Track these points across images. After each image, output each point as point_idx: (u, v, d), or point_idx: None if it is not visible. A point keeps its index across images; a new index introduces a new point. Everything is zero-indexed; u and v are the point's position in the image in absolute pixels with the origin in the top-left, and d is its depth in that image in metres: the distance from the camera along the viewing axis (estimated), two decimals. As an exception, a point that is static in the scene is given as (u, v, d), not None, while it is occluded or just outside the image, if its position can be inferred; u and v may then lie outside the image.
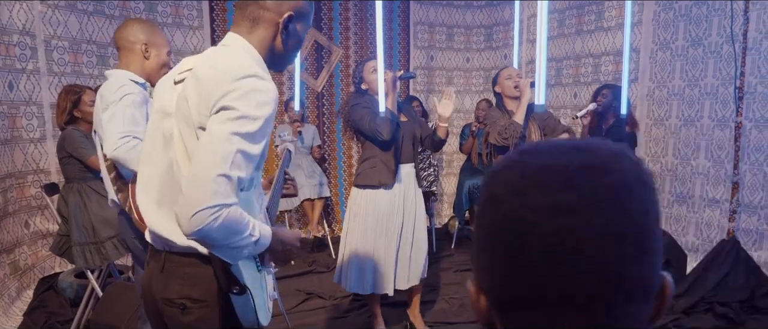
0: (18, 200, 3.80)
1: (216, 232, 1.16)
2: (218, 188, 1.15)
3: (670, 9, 4.45)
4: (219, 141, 1.18)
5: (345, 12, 5.59)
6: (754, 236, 3.98)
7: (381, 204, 2.99)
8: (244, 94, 1.21)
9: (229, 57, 1.31)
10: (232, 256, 1.26)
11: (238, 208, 1.19)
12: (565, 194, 0.51)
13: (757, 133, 3.93)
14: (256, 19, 1.36)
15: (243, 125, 1.19)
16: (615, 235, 0.51)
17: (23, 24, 3.78)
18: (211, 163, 1.17)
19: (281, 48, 1.41)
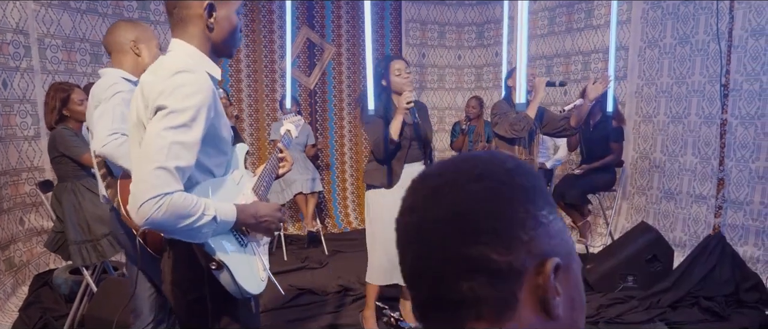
0: (12, 198, 3.83)
1: (163, 219, 1.27)
2: (156, 180, 1.27)
3: (658, 7, 4.51)
4: (153, 138, 1.30)
5: (337, 10, 5.62)
6: (740, 232, 4.05)
7: (387, 201, 3.07)
8: (172, 91, 1.32)
9: (166, 62, 1.43)
10: (193, 237, 1.36)
11: (181, 194, 1.30)
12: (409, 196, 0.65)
13: (742, 130, 4.00)
14: (183, 19, 1.46)
15: (173, 119, 1.30)
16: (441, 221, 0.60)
17: (17, 22, 3.80)
18: (148, 158, 1.29)
19: (218, 37, 1.49)
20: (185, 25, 1.46)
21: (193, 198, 1.32)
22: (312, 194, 4.89)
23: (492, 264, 0.57)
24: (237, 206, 1.45)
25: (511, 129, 3.23)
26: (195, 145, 1.34)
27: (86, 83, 3.95)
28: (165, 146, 1.29)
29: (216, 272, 1.43)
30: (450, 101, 6.40)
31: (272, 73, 5.43)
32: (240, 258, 1.49)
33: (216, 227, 1.37)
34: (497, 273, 0.57)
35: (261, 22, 5.34)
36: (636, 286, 3.85)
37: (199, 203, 1.33)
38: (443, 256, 0.59)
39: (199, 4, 1.44)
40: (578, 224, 4.60)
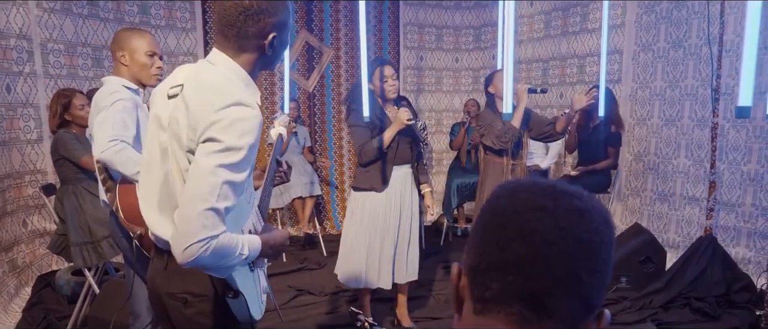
0: (16, 200, 3.89)
1: (207, 260, 1.25)
2: (206, 221, 1.23)
3: (652, 12, 4.57)
4: (205, 174, 1.25)
5: (335, 13, 5.69)
6: (732, 233, 4.11)
7: (375, 205, 3.14)
8: (228, 125, 1.27)
9: (214, 81, 1.38)
10: (224, 273, 1.37)
11: (226, 235, 1.28)
12: (545, 199, 0.69)
13: (734, 133, 4.06)
14: (241, 47, 1.42)
15: (228, 157, 1.26)
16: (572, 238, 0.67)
17: (20, 28, 3.87)
18: (198, 197, 1.24)
19: (268, 60, 1.48)
20: (241, 50, 1.42)
21: (234, 238, 1.31)
22: (310, 197, 4.95)
23: (591, 298, 0.69)
24: (260, 239, 1.44)
25: (497, 141, 3.29)
26: (243, 184, 1.32)
27: (89, 88, 4.03)
28: (217, 185, 1.25)
29: (231, 300, 1.44)
30: (447, 104, 6.46)
31: (271, 76, 5.50)
32: (249, 285, 1.52)
33: (244, 262, 1.37)
34: (588, 306, 0.69)
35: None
36: (629, 287, 3.91)
37: (238, 243, 1.31)
38: (566, 269, 0.67)
39: (263, 34, 1.40)
40: (573, 225, 4.65)
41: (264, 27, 1.40)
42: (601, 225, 0.69)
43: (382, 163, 3.10)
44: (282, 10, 1.42)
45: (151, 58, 2.32)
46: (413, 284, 3.44)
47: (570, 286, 0.67)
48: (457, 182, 5.18)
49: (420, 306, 3.74)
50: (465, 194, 5.20)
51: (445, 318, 3.55)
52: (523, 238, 0.68)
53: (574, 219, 0.68)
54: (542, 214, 0.68)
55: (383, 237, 3.15)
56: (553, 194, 0.70)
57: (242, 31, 1.39)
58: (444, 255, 4.95)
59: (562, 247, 0.67)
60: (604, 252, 0.69)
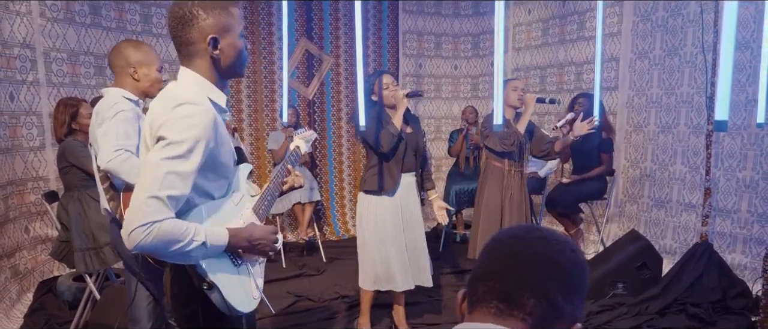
0: (18, 207, 3.94)
1: (151, 245, 1.35)
2: (147, 208, 1.34)
3: (647, 20, 4.62)
4: (151, 168, 1.38)
5: (335, 22, 5.75)
6: (728, 240, 4.14)
7: (383, 209, 3.18)
8: (174, 122, 1.40)
9: (174, 90, 1.51)
10: (183, 259, 1.45)
11: (171, 221, 1.37)
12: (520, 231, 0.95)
13: (729, 140, 4.10)
14: (190, 54, 1.53)
15: (170, 150, 1.38)
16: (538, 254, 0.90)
17: (24, 37, 3.93)
18: (143, 187, 1.37)
19: (224, 64, 1.55)
20: (192, 57, 1.53)
21: (183, 225, 1.39)
22: (309, 203, 4.99)
23: (557, 302, 0.86)
24: (229, 231, 1.51)
25: (501, 143, 3.34)
26: (190, 175, 1.41)
27: (92, 96, 4.08)
28: (160, 176, 1.36)
29: (208, 291, 1.51)
30: (446, 111, 6.51)
31: (272, 84, 5.55)
32: (232, 279, 1.56)
33: (206, 251, 1.45)
34: (553, 308, 0.86)
35: (260, 34, 5.46)
36: (626, 293, 3.94)
37: (189, 230, 1.40)
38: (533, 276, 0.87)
39: (203, 38, 1.50)
40: (570, 232, 4.70)
41: (201, 31, 1.49)
42: (567, 251, 0.90)
43: (391, 165, 3.15)
44: (219, 14, 1.51)
45: (160, 72, 2.41)
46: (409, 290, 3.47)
47: (534, 288, 0.86)
48: (455, 189, 5.22)
49: (418, 312, 3.77)
50: (464, 200, 5.23)
51: (443, 323, 3.58)
52: (500, 257, 0.91)
53: (543, 243, 0.90)
54: (516, 239, 0.92)
55: (392, 241, 3.20)
56: (529, 230, 0.94)
57: (185, 40, 1.51)
58: (443, 261, 4.97)
59: (529, 259, 0.89)
60: (568, 268, 0.89)
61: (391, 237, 3.19)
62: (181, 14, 1.49)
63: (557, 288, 0.86)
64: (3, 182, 3.75)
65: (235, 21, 1.54)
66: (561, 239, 0.92)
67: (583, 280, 0.90)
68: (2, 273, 3.65)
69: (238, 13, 1.57)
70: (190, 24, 1.49)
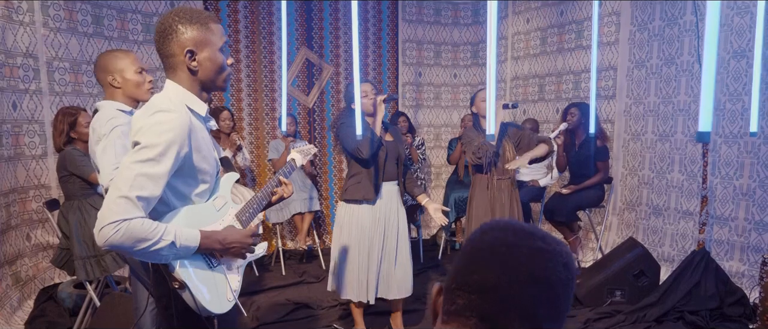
0: (20, 214, 3.97)
1: (120, 242, 1.42)
2: (117, 208, 1.42)
3: (644, 29, 4.66)
4: (123, 169, 1.47)
5: (335, 31, 5.80)
6: (725, 247, 4.16)
7: (363, 218, 3.19)
8: (148, 128, 1.50)
9: (153, 101, 1.60)
10: (152, 258, 1.51)
11: (141, 220, 1.44)
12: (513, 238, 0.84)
13: (726, 148, 4.12)
14: (171, 66, 1.63)
15: (143, 153, 1.47)
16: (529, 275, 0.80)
17: (27, 47, 3.98)
18: (115, 187, 1.45)
19: (203, 76, 1.64)
20: (173, 69, 1.63)
21: (152, 224, 1.47)
22: (309, 213, 5.02)
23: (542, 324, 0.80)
24: (202, 233, 1.58)
25: (473, 157, 3.38)
26: (161, 177, 1.49)
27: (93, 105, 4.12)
28: (131, 177, 1.45)
29: (179, 290, 1.57)
30: (446, 119, 6.54)
31: (272, 93, 5.59)
32: (206, 279, 1.62)
33: (176, 251, 1.52)
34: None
35: (261, 43, 5.51)
36: (624, 300, 3.96)
37: (158, 229, 1.47)
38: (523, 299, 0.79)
39: (181, 51, 1.59)
40: (569, 239, 4.72)
41: (181, 43, 1.59)
42: (559, 266, 0.82)
43: (372, 173, 3.16)
44: (197, 28, 1.60)
45: (140, 74, 2.39)
46: (410, 297, 3.49)
47: (522, 312, 0.79)
48: (454, 196, 5.24)
49: (416, 319, 3.79)
50: (462, 208, 5.25)
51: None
52: (488, 268, 0.81)
53: (534, 258, 0.81)
54: (507, 250, 0.82)
55: (369, 251, 3.20)
56: (521, 235, 0.84)
57: (165, 52, 1.61)
58: (441, 269, 5.00)
59: (519, 281, 0.79)
60: (559, 289, 0.81)
61: (368, 247, 3.20)
62: (162, 28, 1.59)
63: (546, 314, 0.80)
64: (5, 189, 3.79)
65: (214, 36, 1.62)
66: (556, 251, 0.83)
67: (569, 302, 0.84)
68: (4, 280, 3.68)
69: (218, 30, 1.65)
70: (170, 37, 1.58)
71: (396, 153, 3.27)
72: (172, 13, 1.61)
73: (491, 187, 3.47)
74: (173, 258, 1.54)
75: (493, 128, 2.51)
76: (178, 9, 1.63)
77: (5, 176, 3.80)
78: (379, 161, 3.18)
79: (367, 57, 6.01)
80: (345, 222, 3.24)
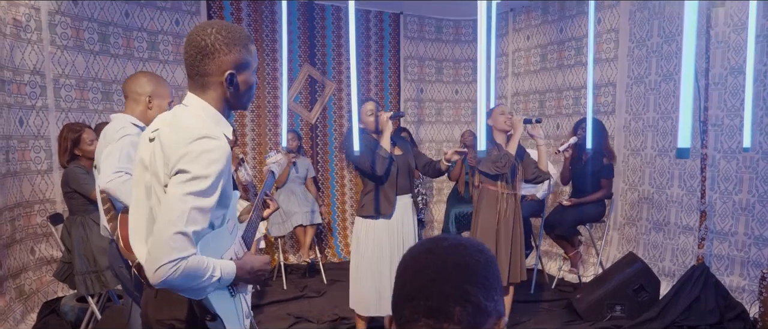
0: (25, 228, 4.03)
1: (177, 281, 1.37)
2: (175, 244, 1.35)
3: (643, 46, 4.71)
4: (174, 202, 1.38)
5: (337, 48, 5.88)
6: (725, 262, 4.16)
7: (380, 233, 3.26)
8: (195, 156, 1.40)
9: (186, 119, 1.50)
10: (197, 294, 1.47)
11: (196, 257, 1.39)
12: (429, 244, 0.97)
13: (725, 163, 4.14)
14: (203, 85, 1.54)
15: (195, 185, 1.39)
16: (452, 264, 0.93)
17: (34, 64, 4.07)
18: (168, 222, 1.36)
19: (235, 97, 1.57)
20: (204, 87, 1.54)
21: (204, 261, 1.42)
22: (311, 226, 5.06)
23: (480, 303, 0.91)
24: (236, 263, 1.55)
25: (494, 166, 3.41)
26: (211, 210, 1.42)
27: (99, 122, 4.20)
28: (186, 211, 1.36)
29: (210, 323, 1.53)
30: (448, 134, 6.59)
31: (275, 109, 5.66)
32: (229, 309, 1.61)
33: (218, 285, 1.48)
34: (478, 309, 0.91)
35: (265, 59, 5.59)
36: (624, 315, 3.95)
37: (208, 265, 1.42)
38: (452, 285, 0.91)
39: (221, 71, 1.51)
40: (569, 254, 4.72)
41: (220, 65, 1.50)
42: (474, 252, 0.95)
43: (386, 188, 3.22)
44: (239, 50, 1.52)
45: (169, 107, 2.47)
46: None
47: (458, 297, 0.90)
48: (455, 212, 5.27)
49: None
50: (463, 224, 5.28)
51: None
52: (416, 274, 0.94)
53: (452, 251, 0.95)
54: (428, 254, 0.95)
55: (390, 265, 3.25)
56: (435, 240, 0.98)
57: (201, 70, 1.51)
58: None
59: (444, 272, 0.92)
60: (481, 269, 0.94)
61: (388, 260, 3.25)
62: (202, 45, 1.49)
63: (477, 291, 0.91)
64: (11, 204, 3.85)
65: (252, 58, 1.57)
66: (468, 243, 0.96)
67: (497, 276, 0.95)
68: (7, 293, 3.72)
69: (255, 51, 1.59)
70: (210, 57, 1.49)
71: (407, 166, 3.34)
72: (212, 29, 1.51)
73: (498, 201, 3.50)
74: (212, 291, 1.50)
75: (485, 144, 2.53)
76: (219, 26, 1.52)
77: (11, 190, 3.87)
78: (392, 176, 3.24)
79: (369, 74, 6.09)
80: (362, 237, 3.31)
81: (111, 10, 4.63)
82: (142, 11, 4.87)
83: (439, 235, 0.99)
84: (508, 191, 3.52)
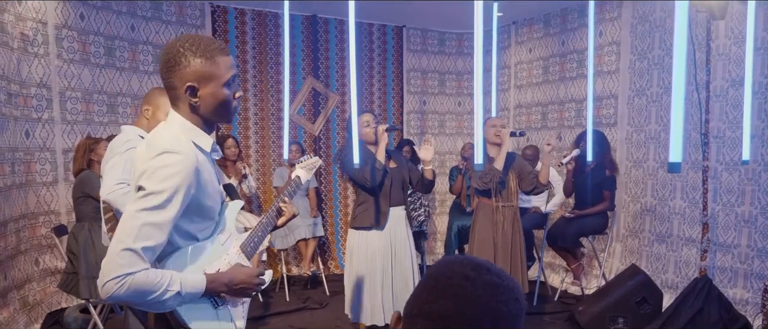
0: (30, 240, 4.07)
1: (125, 296, 1.36)
2: (121, 261, 1.35)
3: (644, 58, 4.73)
4: (127, 219, 1.40)
5: (341, 61, 5.93)
6: (729, 274, 4.14)
7: (373, 244, 3.27)
8: (152, 172, 1.42)
9: (158, 134, 1.53)
10: (157, 309, 1.46)
11: (145, 273, 1.37)
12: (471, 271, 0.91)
13: (727, 175, 4.14)
14: (173, 98, 1.54)
15: (149, 201, 1.39)
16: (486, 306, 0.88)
17: (40, 77, 4.13)
18: (118, 239, 1.38)
19: (205, 112, 1.54)
20: (176, 101, 1.54)
21: (157, 275, 1.40)
22: (313, 238, 5.08)
23: None
24: (207, 277, 1.52)
25: (480, 182, 3.44)
26: (168, 223, 1.42)
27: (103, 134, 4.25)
28: (136, 227, 1.37)
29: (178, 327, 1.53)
30: (451, 146, 6.61)
31: (279, 121, 5.70)
32: (210, 323, 1.58)
33: (181, 299, 1.46)
34: None
35: (269, 72, 5.64)
36: (626, 327, 3.94)
37: (163, 280, 1.41)
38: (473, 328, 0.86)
39: (182, 85, 1.49)
40: (572, 266, 4.72)
41: (182, 77, 1.49)
42: (511, 301, 0.90)
43: (380, 200, 3.24)
44: (202, 63, 1.48)
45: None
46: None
47: None
48: (457, 225, 5.27)
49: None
50: (465, 237, 5.27)
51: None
52: (447, 297, 0.89)
53: (490, 291, 0.89)
54: (466, 282, 0.89)
55: (382, 275, 3.26)
56: (478, 269, 0.91)
57: (168, 83, 1.52)
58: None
59: (473, 312, 0.87)
60: (510, 321, 0.89)
61: (380, 271, 3.26)
62: (167, 57, 1.49)
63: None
64: (16, 215, 3.89)
65: (219, 70, 1.51)
66: (509, 287, 0.91)
67: (519, 326, 0.92)
68: (12, 304, 3.75)
69: (225, 63, 1.52)
70: (173, 69, 1.49)
71: (401, 179, 3.36)
72: (179, 41, 1.50)
73: (495, 213, 3.51)
74: (179, 305, 1.49)
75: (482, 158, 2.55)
76: (186, 37, 1.51)
77: (16, 202, 3.91)
78: (385, 187, 3.26)
79: (372, 86, 6.13)
80: (355, 249, 3.32)
81: (117, 24, 4.69)
82: (147, 25, 4.93)
83: (483, 263, 0.93)
84: (503, 204, 3.52)
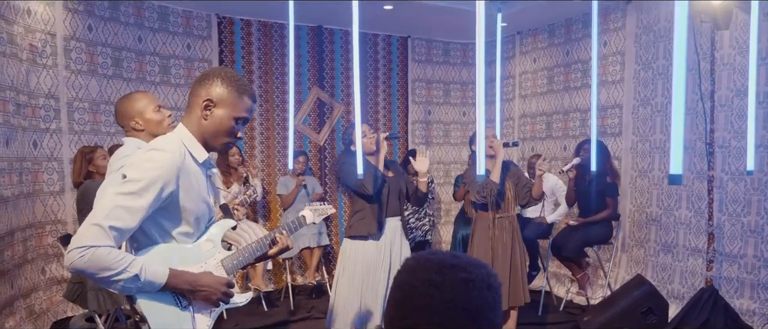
0: (36, 249, 4.10)
1: (83, 267, 1.47)
2: (89, 233, 1.48)
3: (649, 68, 4.73)
4: (103, 199, 1.54)
5: (346, 71, 5.96)
6: (735, 284, 4.12)
7: (368, 254, 3.25)
8: (138, 163, 1.58)
9: (159, 138, 1.70)
10: (115, 288, 1.55)
11: (108, 249, 1.48)
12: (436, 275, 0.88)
13: (733, 185, 4.12)
14: (190, 106, 1.73)
15: (127, 186, 1.54)
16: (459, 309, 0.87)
17: (49, 88, 4.17)
18: (91, 215, 1.51)
19: (207, 129, 1.70)
20: (191, 108, 1.72)
21: (119, 255, 1.50)
22: (318, 247, 5.08)
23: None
24: (171, 271, 1.59)
25: (478, 196, 3.43)
26: (139, 211, 1.54)
27: (111, 144, 4.29)
28: (108, 208, 1.51)
29: (139, 322, 1.61)
30: (455, 156, 6.62)
31: (284, 130, 5.73)
32: (169, 317, 1.62)
33: (140, 284, 1.54)
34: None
35: (274, 82, 5.68)
36: (632, 338, 3.92)
37: (124, 261, 1.51)
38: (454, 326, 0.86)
39: (202, 95, 1.68)
40: (577, 276, 4.70)
41: (208, 91, 1.69)
42: (484, 290, 0.89)
43: (376, 209, 3.23)
44: (230, 90, 1.68)
45: (159, 111, 2.39)
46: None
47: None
48: (462, 233, 5.27)
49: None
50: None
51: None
52: (418, 311, 0.87)
53: (460, 290, 0.87)
54: (433, 289, 0.87)
55: (376, 285, 3.24)
56: (442, 270, 0.89)
57: (194, 91, 1.72)
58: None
59: (450, 316, 0.86)
60: (487, 313, 0.89)
61: (373, 281, 3.24)
62: (204, 75, 1.72)
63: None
64: (23, 224, 3.92)
65: (239, 104, 1.70)
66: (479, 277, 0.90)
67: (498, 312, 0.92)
68: (18, 312, 3.77)
69: (247, 104, 1.72)
70: (204, 83, 1.69)
71: (398, 189, 3.35)
72: (223, 69, 1.74)
73: (492, 226, 3.50)
74: (137, 290, 1.57)
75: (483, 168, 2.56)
76: (230, 71, 1.75)
77: (24, 211, 3.94)
78: (382, 197, 3.26)
79: (377, 96, 6.16)
80: (350, 257, 3.30)
81: (124, 35, 4.74)
82: (154, 36, 4.98)
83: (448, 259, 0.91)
84: (500, 215, 3.51)
